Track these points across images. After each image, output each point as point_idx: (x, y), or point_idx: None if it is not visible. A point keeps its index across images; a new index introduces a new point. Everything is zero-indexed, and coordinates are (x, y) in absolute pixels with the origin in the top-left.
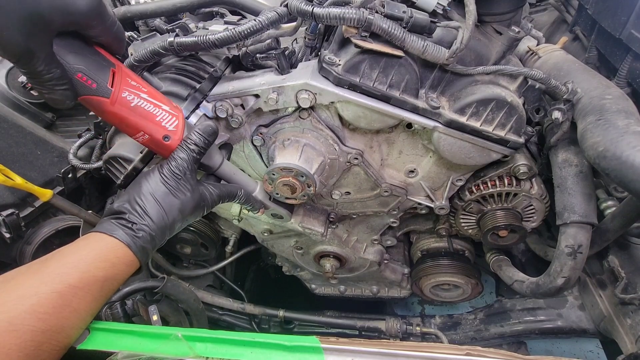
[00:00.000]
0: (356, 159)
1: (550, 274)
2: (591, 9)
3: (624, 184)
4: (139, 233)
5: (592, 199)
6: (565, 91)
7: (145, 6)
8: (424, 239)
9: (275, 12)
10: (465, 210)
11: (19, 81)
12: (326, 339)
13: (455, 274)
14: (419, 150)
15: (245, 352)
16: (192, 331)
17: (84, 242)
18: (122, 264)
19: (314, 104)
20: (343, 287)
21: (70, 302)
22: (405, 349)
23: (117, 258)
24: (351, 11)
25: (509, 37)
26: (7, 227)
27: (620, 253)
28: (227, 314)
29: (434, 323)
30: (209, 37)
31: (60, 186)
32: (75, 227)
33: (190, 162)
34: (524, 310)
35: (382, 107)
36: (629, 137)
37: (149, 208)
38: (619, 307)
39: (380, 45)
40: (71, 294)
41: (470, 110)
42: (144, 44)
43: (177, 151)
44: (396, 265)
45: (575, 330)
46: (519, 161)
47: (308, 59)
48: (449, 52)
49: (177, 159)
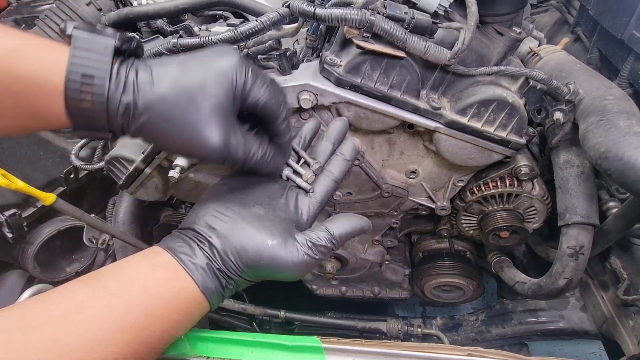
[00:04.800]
0: (357, 160)
1: (552, 275)
2: (593, 10)
3: (625, 184)
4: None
5: (594, 200)
6: (567, 92)
7: (147, 7)
8: (425, 240)
9: (277, 12)
10: (467, 211)
11: None
12: (327, 339)
13: (456, 275)
14: (420, 151)
15: (246, 351)
16: (192, 331)
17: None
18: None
19: (315, 105)
20: (344, 288)
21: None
22: (406, 349)
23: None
24: (353, 12)
25: (511, 38)
26: (10, 227)
27: (622, 254)
28: (228, 314)
29: (435, 324)
30: (211, 38)
31: (62, 187)
32: (77, 228)
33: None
34: (526, 312)
35: (384, 108)
36: (630, 138)
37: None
38: (621, 309)
39: (381, 46)
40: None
41: (471, 111)
42: (147, 46)
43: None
44: (397, 266)
45: (577, 331)
46: (521, 162)
47: (309, 60)
48: (450, 53)
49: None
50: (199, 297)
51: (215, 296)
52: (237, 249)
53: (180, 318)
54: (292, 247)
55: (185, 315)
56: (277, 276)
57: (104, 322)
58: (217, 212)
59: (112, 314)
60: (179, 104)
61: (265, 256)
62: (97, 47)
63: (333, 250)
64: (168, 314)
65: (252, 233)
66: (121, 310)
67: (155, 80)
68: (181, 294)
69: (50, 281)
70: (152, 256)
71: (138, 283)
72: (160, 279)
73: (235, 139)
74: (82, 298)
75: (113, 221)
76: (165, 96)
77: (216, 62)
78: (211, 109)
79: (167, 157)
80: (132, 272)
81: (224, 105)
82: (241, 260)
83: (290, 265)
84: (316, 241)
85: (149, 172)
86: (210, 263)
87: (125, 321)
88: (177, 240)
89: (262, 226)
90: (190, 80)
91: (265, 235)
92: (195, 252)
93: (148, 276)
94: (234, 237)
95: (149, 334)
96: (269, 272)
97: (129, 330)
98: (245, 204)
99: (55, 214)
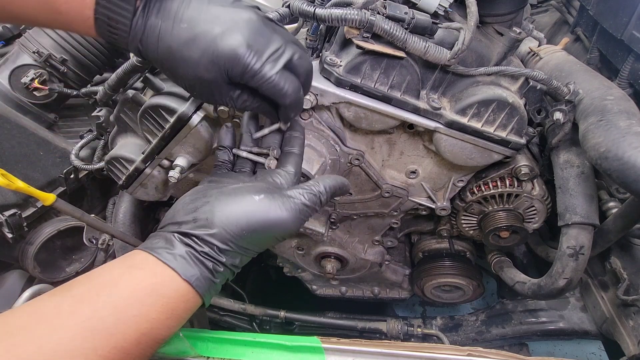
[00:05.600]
0: (357, 160)
1: (552, 275)
2: (592, 10)
3: (625, 184)
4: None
5: (594, 200)
6: (567, 92)
7: None
8: (425, 240)
9: (277, 12)
10: (467, 211)
11: (22, 82)
12: (327, 339)
13: (456, 275)
14: (420, 151)
15: (247, 351)
16: (193, 331)
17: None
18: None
19: (315, 105)
20: (344, 288)
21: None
22: (406, 349)
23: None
24: (353, 12)
25: (510, 38)
26: (10, 227)
27: (622, 254)
28: (228, 314)
29: (435, 324)
30: None
31: (62, 187)
32: (77, 228)
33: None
34: (526, 312)
35: (384, 108)
36: (630, 138)
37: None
38: (621, 309)
39: (381, 47)
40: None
41: (471, 111)
42: None
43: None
44: (397, 267)
45: (577, 331)
46: (521, 162)
47: None
48: (450, 53)
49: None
50: (183, 288)
51: (203, 283)
52: (223, 223)
53: (160, 316)
54: (280, 198)
55: (166, 311)
56: (273, 233)
57: (65, 331)
58: (194, 198)
59: (76, 321)
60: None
61: (256, 215)
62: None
63: (321, 202)
64: (145, 313)
65: (235, 200)
66: (86, 316)
67: (175, 27)
68: (160, 290)
69: (50, 281)
70: (128, 258)
71: (109, 286)
72: (135, 278)
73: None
74: (46, 309)
75: (113, 221)
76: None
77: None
78: (235, 25)
79: (167, 157)
80: (105, 277)
81: (255, 23)
82: (234, 229)
83: (284, 216)
84: (306, 188)
85: (149, 172)
86: (192, 250)
87: (90, 327)
88: (154, 238)
89: (245, 190)
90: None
91: (250, 195)
92: (174, 244)
93: (122, 278)
94: (218, 212)
95: (122, 337)
96: (264, 233)
97: (96, 336)
98: (222, 186)
99: (55, 214)
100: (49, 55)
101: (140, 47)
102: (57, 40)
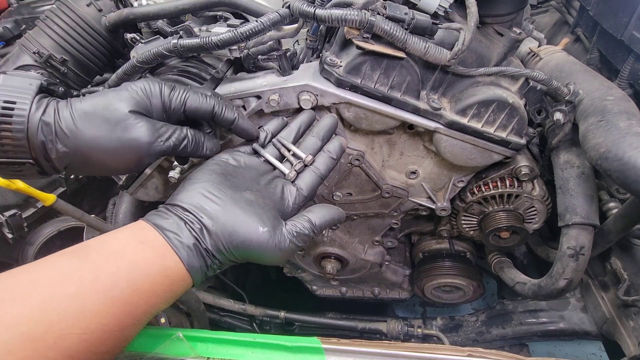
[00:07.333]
0: (357, 161)
1: (552, 275)
2: (592, 11)
3: (626, 185)
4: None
5: (594, 200)
6: (567, 92)
7: (147, 8)
8: (425, 241)
9: (277, 13)
10: (467, 211)
11: None
12: (327, 340)
13: (456, 275)
14: (420, 151)
15: (247, 352)
16: (193, 331)
17: None
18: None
19: (315, 105)
20: (344, 288)
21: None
22: (406, 350)
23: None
24: (353, 13)
25: (510, 38)
26: (10, 228)
27: (622, 255)
28: (228, 315)
29: (436, 325)
30: (211, 39)
31: (62, 187)
32: (77, 228)
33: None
34: (526, 312)
35: (384, 109)
36: (630, 138)
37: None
38: (622, 309)
39: (381, 47)
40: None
41: (471, 112)
42: (147, 47)
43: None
44: (397, 267)
45: (578, 332)
46: (521, 162)
47: (309, 61)
48: (450, 54)
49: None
50: (184, 274)
51: (199, 274)
52: (228, 232)
53: (164, 293)
54: (280, 235)
55: (169, 290)
56: (262, 259)
57: (90, 295)
58: (209, 192)
59: (99, 288)
60: (97, 114)
61: (255, 241)
62: (23, 84)
63: (312, 239)
64: (154, 289)
65: (244, 218)
66: (108, 284)
67: (74, 104)
68: (167, 272)
69: None
70: (140, 232)
71: (125, 258)
72: (147, 255)
73: (161, 130)
74: (68, 270)
75: (113, 221)
76: (86, 111)
77: (128, 85)
78: (128, 115)
79: (167, 158)
80: (119, 247)
81: (143, 105)
82: (231, 242)
83: (277, 251)
84: (300, 230)
85: (149, 173)
86: (197, 243)
87: (111, 295)
88: (165, 217)
89: (254, 212)
90: (104, 99)
91: (257, 222)
92: (183, 231)
93: (135, 252)
94: (226, 220)
95: (135, 307)
96: (255, 256)
97: (116, 304)
98: (237, 188)
99: (55, 215)
100: (50, 56)
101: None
102: (58, 40)
